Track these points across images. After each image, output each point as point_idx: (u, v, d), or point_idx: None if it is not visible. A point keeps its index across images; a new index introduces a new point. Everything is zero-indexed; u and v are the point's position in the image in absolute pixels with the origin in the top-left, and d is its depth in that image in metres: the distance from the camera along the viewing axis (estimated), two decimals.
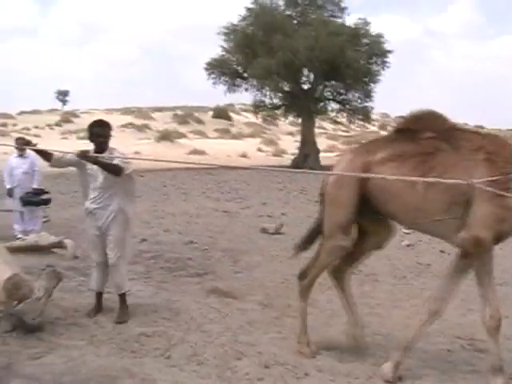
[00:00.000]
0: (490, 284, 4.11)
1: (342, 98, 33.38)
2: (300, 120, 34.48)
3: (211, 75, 33.69)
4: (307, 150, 31.80)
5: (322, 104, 33.84)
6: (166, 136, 40.00)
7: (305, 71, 32.64)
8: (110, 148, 5.45)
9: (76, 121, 48.54)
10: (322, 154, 33.28)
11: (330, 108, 34.70)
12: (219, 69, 33.50)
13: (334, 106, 34.38)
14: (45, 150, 5.56)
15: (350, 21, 33.65)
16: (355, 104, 33.03)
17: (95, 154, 5.34)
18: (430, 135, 4.23)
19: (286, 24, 31.24)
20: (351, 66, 30.08)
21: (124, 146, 5.38)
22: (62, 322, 5.15)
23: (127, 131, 42.08)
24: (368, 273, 7.31)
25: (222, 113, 56.86)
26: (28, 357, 4.31)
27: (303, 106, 32.13)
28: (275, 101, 34.00)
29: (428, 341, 5.14)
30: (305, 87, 33.20)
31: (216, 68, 33.53)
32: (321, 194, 4.75)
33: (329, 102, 34.16)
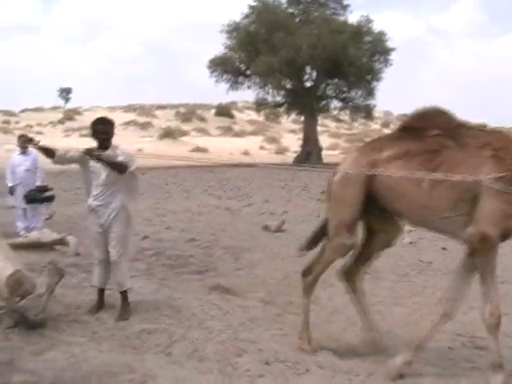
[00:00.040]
0: (492, 282, 4.08)
1: (344, 95, 33.43)
2: (302, 118, 34.53)
3: (214, 73, 33.76)
4: (310, 147, 31.85)
5: (325, 102, 33.90)
6: (168, 134, 40.09)
7: (307, 69, 32.71)
8: (113, 145, 5.45)
9: (79, 118, 48.66)
10: (324, 152, 33.31)
11: (332, 106, 34.83)
12: (222, 66, 33.55)
13: (336, 103, 34.54)
14: (45, 146, 5.57)
15: (352, 18, 33.94)
16: (358, 102, 33.07)
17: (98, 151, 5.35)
18: (436, 133, 4.21)
19: (288, 22, 31.28)
20: (354, 64, 30.10)
21: (126, 143, 5.41)
22: (64, 318, 5.16)
23: (130, 129, 42.19)
24: (369, 270, 7.29)
25: (224, 110, 56.91)
26: (30, 353, 4.33)
27: (306, 104, 32.17)
28: (278, 98, 34.11)
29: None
30: (307, 85, 33.25)
31: (219, 66, 33.58)
32: (327, 193, 4.72)
33: (331, 100, 34.23)
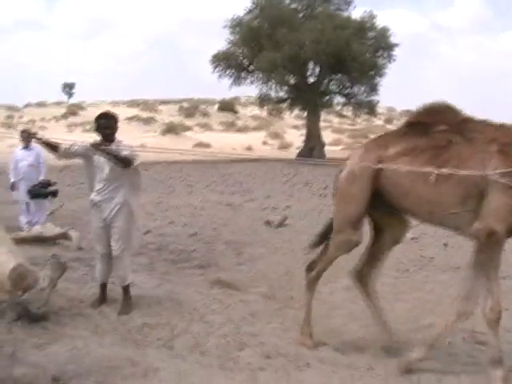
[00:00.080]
0: (495, 277, 4.07)
1: (347, 91, 33.35)
2: (305, 113, 34.46)
3: (217, 68, 33.70)
4: (312, 143, 31.81)
5: (328, 97, 33.83)
6: (171, 129, 40.09)
7: (310, 64, 32.63)
8: (116, 140, 5.47)
9: (82, 113, 48.67)
10: (327, 148, 33.28)
11: (335, 101, 34.74)
12: (225, 62, 33.48)
13: (339, 99, 34.44)
14: (49, 141, 5.59)
15: (355, 14, 33.71)
16: (361, 97, 32.99)
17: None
18: (443, 128, 4.20)
19: (291, 17, 31.20)
20: (357, 60, 30.02)
21: (130, 138, 5.42)
22: (66, 312, 5.19)
23: (133, 124, 42.19)
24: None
25: (227, 106, 56.85)
26: (32, 346, 4.35)
27: (309, 100, 32.11)
28: (281, 94, 34.02)
29: (430, 333, 5.17)
30: (310, 80, 33.19)
31: (222, 61, 33.51)
32: (333, 189, 4.70)
33: (334, 96, 34.16)
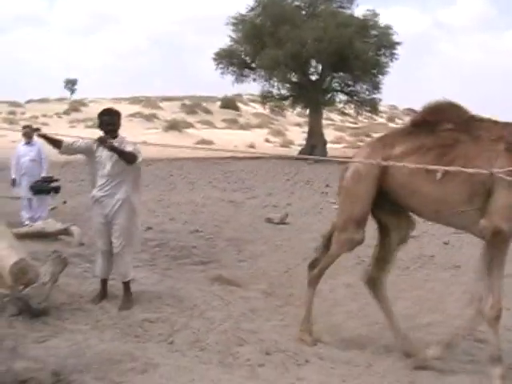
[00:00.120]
0: (498, 276, 4.06)
1: (349, 89, 33.30)
2: (307, 111, 34.44)
3: (219, 65, 33.68)
4: (314, 141, 31.76)
5: (330, 95, 33.77)
6: (173, 126, 40.10)
7: (313, 62, 32.57)
8: (119, 136, 5.47)
9: (84, 109, 48.63)
10: (329, 145, 33.26)
11: (337, 99, 34.65)
12: (227, 59, 33.46)
13: (341, 97, 34.34)
14: (52, 136, 5.60)
15: (358, 12, 33.58)
16: (363, 96, 32.93)
17: None
18: (449, 127, 4.19)
19: (294, 15, 31.15)
20: (359, 58, 29.97)
21: (132, 135, 5.44)
22: (67, 306, 5.21)
23: (135, 120, 42.15)
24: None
25: (229, 103, 56.76)
26: (33, 340, 4.38)
27: (311, 97, 32.07)
28: (283, 91, 33.97)
29: (429, 331, 5.19)
30: (313, 78, 33.14)
31: (224, 58, 33.49)
32: (338, 188, 4.70)
33: (336, 94, 34.10)
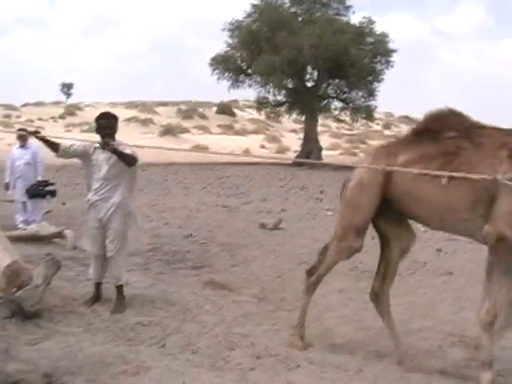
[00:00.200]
0: (497, 282, 4.04)
1: (345, 96, 33.42)
2: (303, 117, 34.53)
3: (215, 71, 33.75)
4: (310, 147, 31.84)
5: (326, 102, 33.87)
6: (169, 131, 40.15)
7: (309, 69, 32.70)
8: (116, 141, 5.48)
9: (80, 114, 48.64)
10: (324, 152, 33.33)
11: (333, 106, 34.76)
12: (224, 64, 33.51)
13: (337, 104, 34.47)
14: (51, 140, 5.61)
15: (354, 19, 33.75)
16: (358, 102, 33.06)
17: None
18: (451, 134, 4.21)
19: (291, 21, 31.28)
20: (355, 65, 30.11)
21: (127, 139, 5.45)
22: (59, 309, 5.22)
23: (131, 125, 42.15)
24: (364, 269, 7.38)
25: (225, 109, 56.83)
26: (26, 342, 4.39)
27: (307, 104, 32.18)
28: (279, 98, 34.06)
29: (420, 336, 5.23)
30: (308, 85, 33.25)
31: (220, 64, 33.55)
32: (340, 197, 4.69)
33: (332, 100, 34.21)
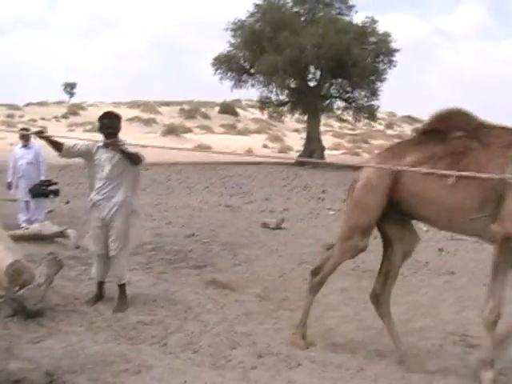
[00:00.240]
0: (502, 281, 4.05)
1: (348, 95, 33.42)
2: (306, 117, 34.52)
3: (218, 70, 33.77)
4: (312, 146, 31.84)
5: (328, 101, 33.88)
6: (172, 130, 40.15)
7: (311, 68, 32.72)
8: (120, 140, 5.48)
9: (83, 113, 48.71)
10: (327, 152, 33.35)
11: (335, 106, 34.78)
12: (226, 64, 33.54)
13: (339, 103, 34.48)
14: (54, 139, 5.62)
15: (357, 19, 33.78)
16: (361, 102, 33.05)
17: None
18: (459, 134, 4.20)
19: (293, 21, 31.28)
20: (358, 64, 30.11)
21: (130, 139, 5.45)
22: (61, 308, 5.23)
23: (134, 125, 42.17)
24: (365, 269, 7.38)
25: (228, 108, 56.86)
26: (28, 341, 4.40)
27: (309, 103, 32.18)
28: (281, 97, 34.08)
29: (421, 336, 5.24)
30: (311, 84, 33.26)
31: (223, 63, 33.58)
32: (347, 198, 4.71)
33: (335, 100, 34.22)
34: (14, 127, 32.53)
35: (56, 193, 9.89)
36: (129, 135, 9.14)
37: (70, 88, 74.02)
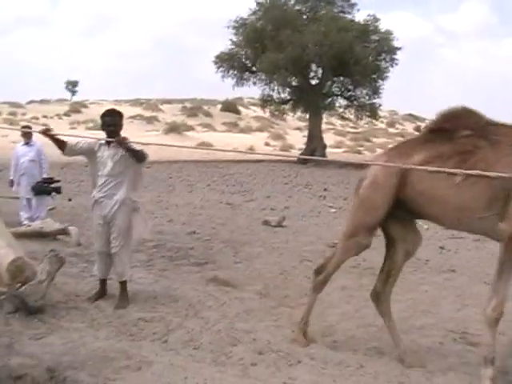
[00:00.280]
0: (507, 280, 4.03)
1: (349, 94, 33.39)
2: (308, 115, 34.51)
3: (220, 68, 33.76)
4: (314, 145, 31.83)
5: (330, 99, 33.84)
6: (174, 128, 40.14)
7: (313, 66, 32.68)
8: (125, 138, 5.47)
9: (85, 111, 48.73)
10: (329, 150, 33.34)
11: (337, 104, 34.73)
12: (228, 62, 33.53)
13: (341, 101, 34.45)
14: (58, 137, 5.62)
15: (359, 17, 33.71)
16: (363, 100, 33.02)
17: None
18: (467, 133, 4.16)
19: (295, 19, 31.26)
20: (360, 63, 30.07)
21: (132, 137, 5.46)
22: (63, 305, 5.26)
23: (136, 123, 42.19)
24: (366, 266, 7.40)
25: (230, 106, 56.83)
26: (29, 337, 4.42)
27: (311, 101, 32.15)
28: (283, 95, 34.06)
29: (421, 333, 5.25)
30: (313, 82, 33.23)
31: (225, 61, 33.57)
32: (353, 196, 4.67)
33: (336, 98, 34.18)
34: (16, 125, 32.57)
35: (58, 190, 9.92)
36: (130, 133, 9.15)
37: (72, 86, 74.04)
